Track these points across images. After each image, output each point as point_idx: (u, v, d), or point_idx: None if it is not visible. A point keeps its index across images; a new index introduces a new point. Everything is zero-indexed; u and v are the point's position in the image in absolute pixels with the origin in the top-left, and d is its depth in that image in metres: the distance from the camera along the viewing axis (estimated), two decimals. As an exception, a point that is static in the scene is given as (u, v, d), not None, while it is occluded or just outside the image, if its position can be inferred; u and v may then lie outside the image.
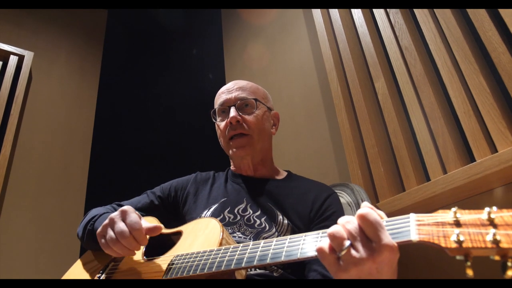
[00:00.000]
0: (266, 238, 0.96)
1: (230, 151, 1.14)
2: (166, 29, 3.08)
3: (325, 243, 0.53)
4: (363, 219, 0.50)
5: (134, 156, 2.50)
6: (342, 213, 1.04)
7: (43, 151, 2.23)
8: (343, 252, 0.50)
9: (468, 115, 1.15)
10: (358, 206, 1.23)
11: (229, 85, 1.20)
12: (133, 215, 0.82)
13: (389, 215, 0.57)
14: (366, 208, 0.52)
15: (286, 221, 1.00)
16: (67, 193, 2.20)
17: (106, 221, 0.83)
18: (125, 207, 0.84)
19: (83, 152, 2.39)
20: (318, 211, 1.01)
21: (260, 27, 2.40)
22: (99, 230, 0.84)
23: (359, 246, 0.50)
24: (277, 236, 0.96)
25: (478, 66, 1.14)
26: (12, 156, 2.08)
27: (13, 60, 2.27)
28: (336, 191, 1.26)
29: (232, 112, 1.11)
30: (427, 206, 1.22)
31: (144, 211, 1.14)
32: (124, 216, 0.82)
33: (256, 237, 0.97)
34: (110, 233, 0.81)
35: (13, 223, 1.96)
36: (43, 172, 2.18)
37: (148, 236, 0.82)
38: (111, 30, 2.91)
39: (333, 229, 0.53)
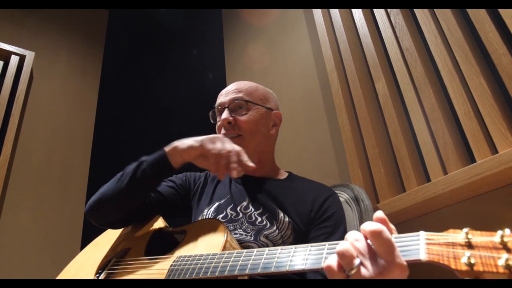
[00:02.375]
0: (267, 235, 0.97)
1: None
2: (166, 29, 3.08)
3: (333, 261, 0.51)
4: (376, 237, 0.48)
5: (134, 156, 2.50)
6: (342, 214, 1.05)
7: (43, 151, 2.23)
8: (353, 272, 0.48)
9: (469, 116, 1.15)
10: (358, 208, 1.23)
11: (228, 87, 1.22)
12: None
13: (389, 215, 0.58)
14: (378, 224, 0.49)
15: (287, 219, 1.01)
16: (68, 193, 2.21)
17: (209, 137, 0.96)
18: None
19: (83, 152, 2.39)
20: (318, 212, 1.02)
21: (261, 27, 2.40)
22: (203, 140, 0.96)
23: (369, 264, 0.48)
24: (278, 233, 0.97)
25: (478, 67, 1.14)
26: (13, 156, 2.08)
27: (14, 60, 2.28)
28: (336, 191, 1.26)
29: (224, 114, 1.13)
30: (427, 207, 1.22)
31: (169, 198, 1.14)
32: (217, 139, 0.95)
33: (257, 234, 0.97)
34: (218, 145, 0.93)
35: (13, 223, 1.96)
36: (44, 172, 2.18)
37: None
38: (112, 30, 2.91)
39: (342, 247, 0.50)
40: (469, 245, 0.44)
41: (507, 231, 0.43)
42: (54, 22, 2.65)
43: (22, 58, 2.31)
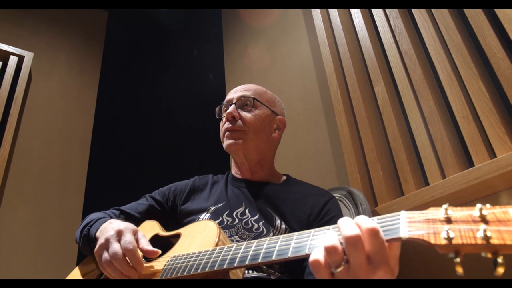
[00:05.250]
0: None
1: (223, 145, 1.16)
2: (166, 30, 3.09)
3: (320, 255, 0.49)
4: (373, 236, 0.47)
5: (133, 158, 2.50)
6: (341, 217, 1.04)
7: (42, 151, 2.23)
8: (339, 270, 0.48)
9: (467, 120, 1.15)
10: (356, 211, 1.23)
11: (238, 87, 1.24)
12: (129, 235, 0.81)
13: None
14: (374, 223, 0.48)
15: (284, 226, 1.00)
16: (66, 194, 2.20)
17: (102, 240, 0.82)
18: (121, 227, 0.83)
19: (82, 153, 2.39)
20: (318, 215, 1.02)
21: (261, 29, 2.40)
22: (96, 248, 0.83)
23: (356, 265, 0.47)
24: None
25: (477, 71, 1.14)
26: (11, 157, 2.08)
27: (12, 60, 2.27)
28: (334, 194, 1.26)
29: (230, 108, 1.15)
30: (425, 211, 1.22)
31: (144, 215, 1.14)
32: (119, 236, 0.81)
33: None
34: (105, 254, 0.80)
35: (11, 224, 1.95)
36: (42, 173, 2.18)
37: (143, 260, 0.81)
38: (111, 30, 2.92)
39: (330, 242, 0.49)
40: (449, 220, 0.44)
41: (487, 205, 0.43)
42: (53, 23, 2.64)
43: (20, 58, 2.31)
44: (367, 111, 1.50)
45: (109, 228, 0.86)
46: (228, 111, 1.15)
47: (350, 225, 0.49)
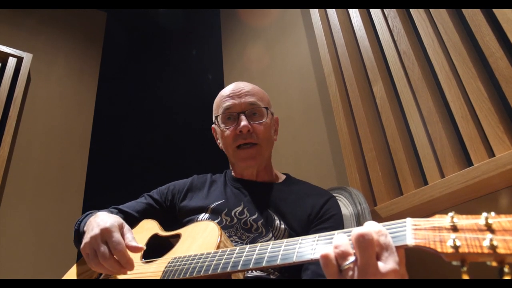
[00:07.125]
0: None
1: (240, 163, 1.11)
2: (165, 30, 3.08)
3: (329, 250, 0.50)
4: (381, 236, 0.48)
5: (132, 158, 2.50)
6: (341, 217, 1.05)
7: (41, 153, 2.23)
8: (346, 266, 0.48)
9: (466, 120, 1.15)
10: (356, 210, 1.23)
11: (234, 88, 1.16)
12: (116, 234, 0.81)
13: (387, 219, 0.58)
14: (379, 225, 0.49)
15: (283, 226, 1.00)
16: (65, 195, 2.20)
17: (87, 239, 0.82)
18: (107, 224, 0.82)
19: (81, 154, 2.38)
20: (318, 214, 1.02)
21: (259, 29, 2.41)
22: (82, 246, 0.84)
23: (364, 262, 0.47)
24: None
25: (475, 71, 1.15)
26: (10, 158, 2.08)
27: (11, 62, 2.27)
28: (334, 194, 1.26)
29: (244, 120, 1.08)
30: (424, 210, 1.22)
31: (143, 214, 1.14)
32: (106, 235, 0.80)
33: (253, 242, 0.97)
34: (92, 254, 0.80)
35: (11, 224, 1.95)
36: (41, 174, 2.17)
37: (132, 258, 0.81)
38: (110, 31, 2.91)
39: (340, 241, 0.50)
40: (455, 228, 0.45)
41: (492, 213, 0.43)
42: (52, 24, 2.64)
43: (19, 60, 2.31)
44: (366, 111, 1.50)
45: (94, 224, 0.85)
46: (243, 124, 1.07)
47: (361, 227, 0.51)
